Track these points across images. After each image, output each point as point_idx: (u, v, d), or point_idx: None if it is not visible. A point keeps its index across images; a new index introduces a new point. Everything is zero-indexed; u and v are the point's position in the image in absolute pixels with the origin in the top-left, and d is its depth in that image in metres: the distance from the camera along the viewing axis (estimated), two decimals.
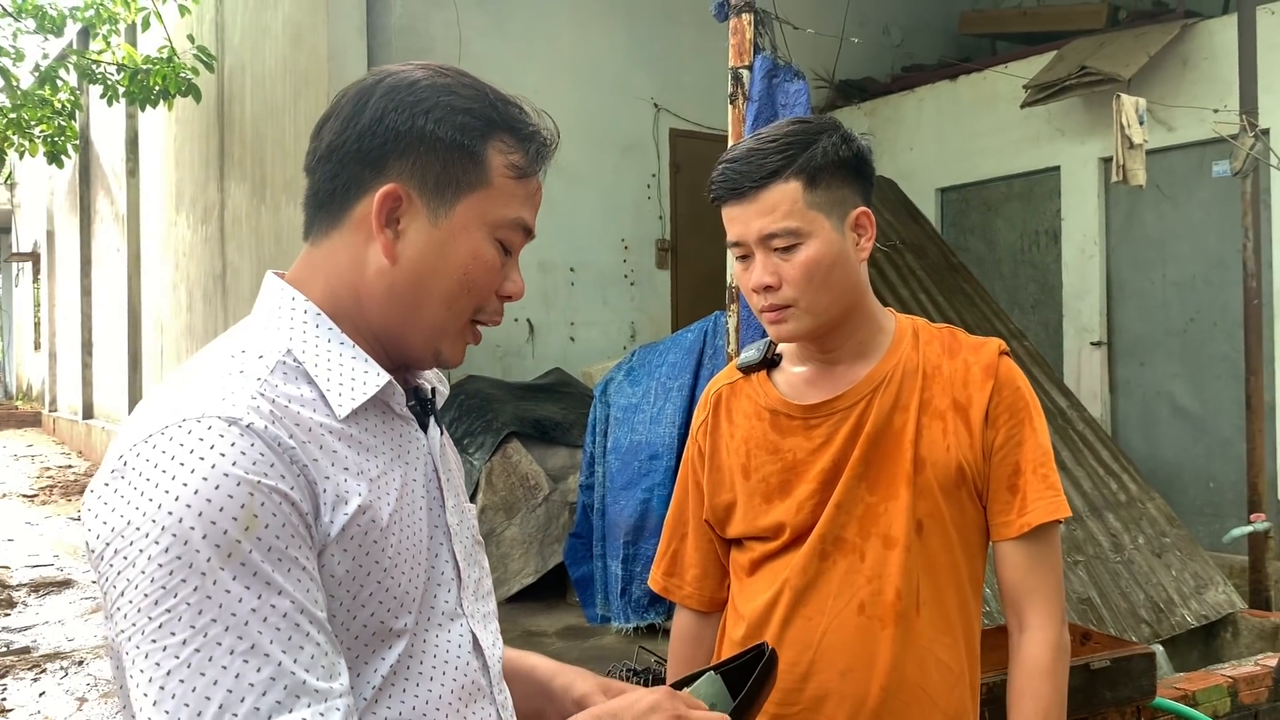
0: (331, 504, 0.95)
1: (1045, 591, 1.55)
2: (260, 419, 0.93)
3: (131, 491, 0.90)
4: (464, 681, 1.06)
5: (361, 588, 0.98)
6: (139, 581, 0.87)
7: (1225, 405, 5.79)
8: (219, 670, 0.85)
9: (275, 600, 0.88)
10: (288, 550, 0.90)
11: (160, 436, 0.91)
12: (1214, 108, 5.33)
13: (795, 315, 1.51)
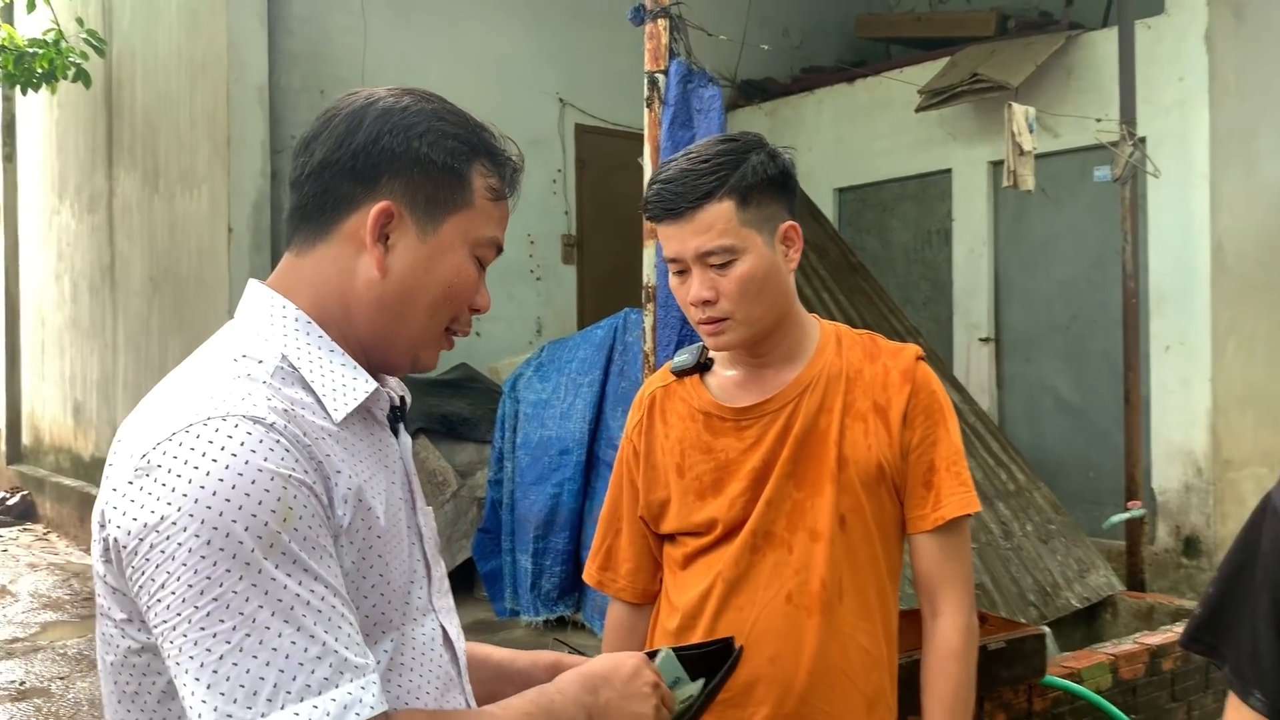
0: (341, 499, 1.01)
1: (957, 580, 1.67)
2: (280, 419, 0.98)
3: (162, 488, 0.93)
4: (439, 673, 1.12)
5: (364, 579, 1.04)
6: (180, 573, 0.91)
7: (1104, 399, 6.09)
8: (270, 652, 0.90)
9: (314, 586, 0.94)
10: (319, 540, 0.96)
11: (186, 434, 0.95)
12: (1096, 116, 5.61)
13: (732, 327, 1.59)
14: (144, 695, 1.02)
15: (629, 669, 1.17)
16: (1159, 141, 5.72)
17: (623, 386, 4.94)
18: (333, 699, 0.92)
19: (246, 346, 1.06)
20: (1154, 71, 5.68)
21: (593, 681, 1.14)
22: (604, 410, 5.07)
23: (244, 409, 0.97)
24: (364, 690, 0.94)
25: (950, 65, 6.65)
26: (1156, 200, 5.83)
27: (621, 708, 1.14)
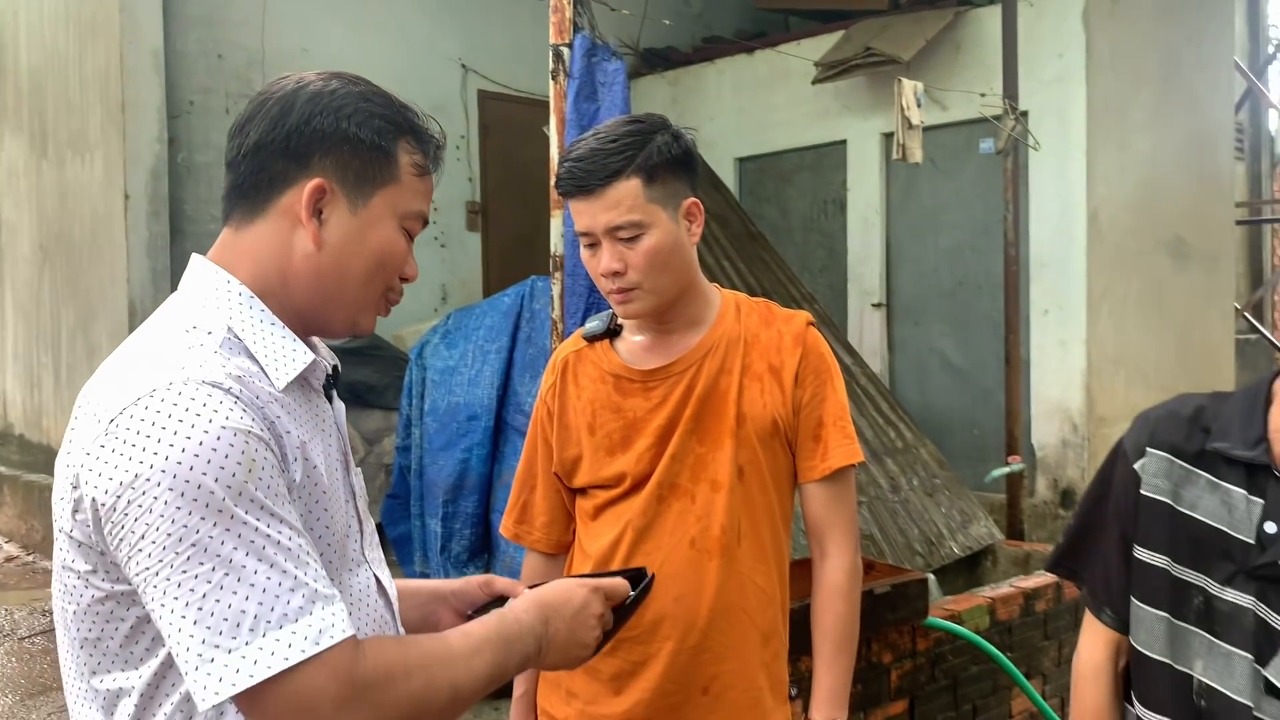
0: (292, 456, 1.11)
1: (843, 525, 1.84)
2: (234, 384, 1.07)
3: (133, 449, 1.02)
4: (375, 617, 1.23)
5: (312, 530, 1.14)
6: (159, 524, 1.00)
7: (987, 360, 6.39)
8: (248, 588, 0.99)
9: (281, 528, 1.04)
10: (279, 489, 1.06)
11: (150, 399, 1.04)
12: (981, 91, 5.85)
13: (639, 296, 1.72)
14: (106, 640, 1.10)
15: (579, 600, 1.28)
16: (1040, 116, 6.00)
17: (530, 353, 5.04)
18: (308, 625, 1.01)
19: (195, 319, 1.14)
20: (1035, 48, 5.92)
21: (545, 612, 1.25)
22: (512, 377, 5.16)
23: (202, 375, 1.06)
24: (335, 616, 1.03)
25: (845, 39, 6.85)
26: (1037, 172, 6.12)
27: (568, 637, 1.26)
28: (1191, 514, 1.49)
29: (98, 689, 1.12)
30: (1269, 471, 1.44)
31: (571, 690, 1.86)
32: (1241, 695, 1.45)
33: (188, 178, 6.21)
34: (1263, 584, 1.43)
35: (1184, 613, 1.49)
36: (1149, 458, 1.53)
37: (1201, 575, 1.48)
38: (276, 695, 1.00)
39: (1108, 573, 1.61)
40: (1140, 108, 6.41)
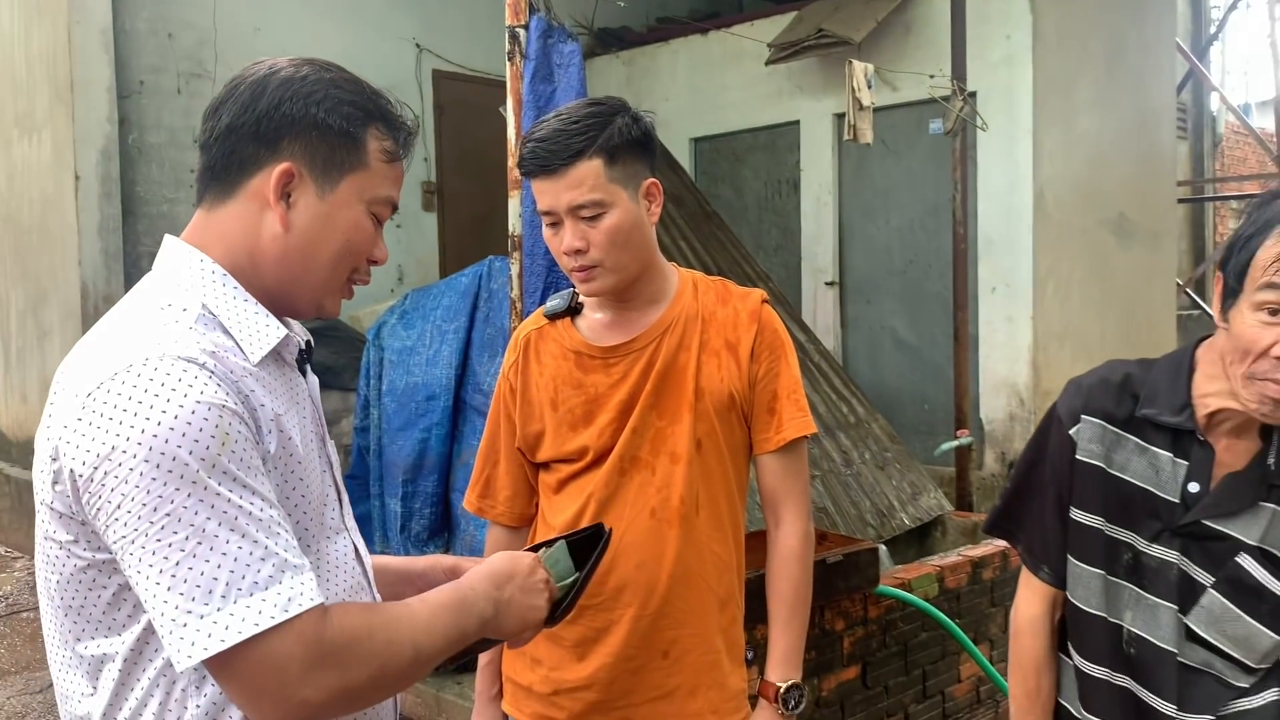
0: (267, 429, 1.15)
1: (796, 493, 1.91)
2: (209, 359, 1.11)
3: (109, 422, 1.06)
4: (352, 582, 1.28)
5: (288, 499, 1.19)
6: (135, 494, 1.04)
7: (937, 337, 6.53)
8: (220, 556, 1.04)
9: (253, 499, 1.08)
10: (253, 461, 1.10)
11: (127, 374, 1.07)
12: (931, 73, 5.95)
13: (601, 274, 1.78)
14: (89, 607, 1.15)
15: (526, 567, 1.35)
16: (988, 96, 6.11)
17: (489, 333, 5.07)
18: (278, 593, 1.05)
19: (170, 296, 1.19)
20: (984, 30, 6.02)
21: (498, 579, 1.31)
22: (470, 356, 5.19)
23: (177, 350, 1.10)
24: (304, 585, 1.07)
25: (797, 20, 6.92)
26: (985, 152, 6.24)
27: (522, 601, 1.32)
28: (1122, 476, 1.59)
29: (82, 655, 1.17)
30: (1192, 436, 1.54)
31: (536, 657, 1.93)
32: (1166, 643, 1.57)
33: (139, 158, 6.15)
34: (1186, 540, 1.55)
35: (1115, 568, 1.60)
36: (1083, 424, 1.63)
37: (1131, 533, 1.59)
38: (246, 660, 1.04)
39: (1044, 533, 1.71)
40: (1085, 89, 6.55)
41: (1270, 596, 1.52)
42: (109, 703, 1.15)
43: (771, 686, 1.87)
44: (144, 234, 6.13)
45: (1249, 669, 1.55)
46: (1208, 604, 1.54)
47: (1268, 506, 1.52)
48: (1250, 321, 1.42)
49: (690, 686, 1.85)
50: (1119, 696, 1.63)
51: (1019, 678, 1.76)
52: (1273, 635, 1.53)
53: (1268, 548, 1.52)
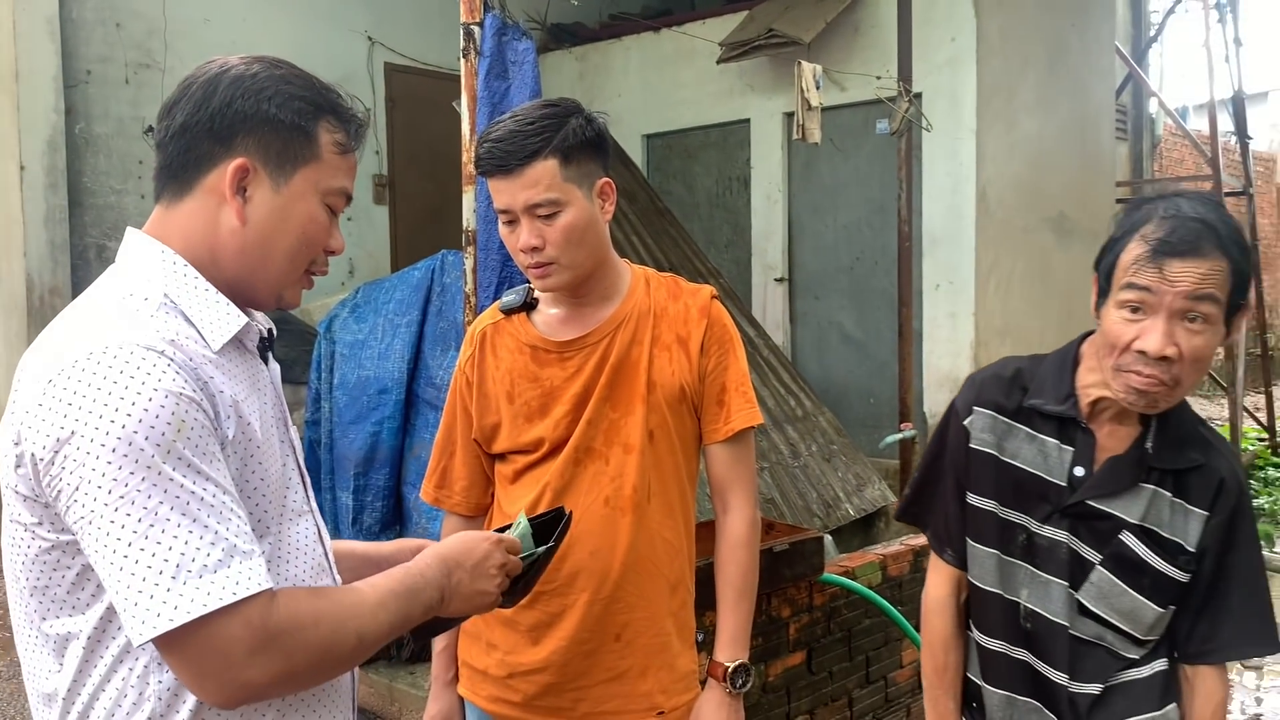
0: (225, 415, 1.19)
1: (744, 482, 1.99)
2: (168, 347, 1.15)
3: (69, 407, 1.10)
4: (314, 563, 1.33)
5: (247, 483, 1.23)
6: (92, 478, 1.08)
7: (883, 333, 6.65)
8: (171, 539, 1.08)
9: (207, 485, 1.12)
10: (209, 448, 1.14)
11: (89, 361, 1.11)
12: (878, 74, 6.08)
13: (557, 270, 1.84)
14: (54, 587, 1.18)
15: (480, 553, 1.39)
16: (933, 97, 6.24)
17: (441, 327, 5.09)
18: (226, 576, 1.08)
19: (132, 285, 1.22)
20: (929, 32, 6.14)
21: (448, 564, 1.35)
22: (423, 350, 5.20)
23: (137, 338, 1.14)
24: (252, 571, 1.10)
25: (748, 19, 7.00)
26: (930, 152, 6.38)
27: (470, 587, 1.36)
28: (1014, 463, 1.72)
29: (47, 634, 1.20)
30: (1076, 423, 1.68)
31: (491, 642, 1.98)
32: (1059, 617, 1.69)
33: (86, 149, 6.08)
34: (1074, 520, 1.68)
35: (1010, 549, 1.73)
36: (976, 415, 1.76)
37: (1025, 515, 1.72)
38: (192, 640, 1.08)
39: (946, 518, 1.84)
40: (1027, 91, 6.71)
41: (1151, 571, 1.64)
42: (74, 679, 1.19)
43: (719, 666, 1.94)
44: (90, 225, 6.07)
45: (1138, 641, 1.68)
46: (1096, 580, 1.66)
47: (1147, 487, 1.64)
48: (1115, 318, 1.55)
49: (641, 668, 1.92)
50: (1017, 668, 1.75)
51: (928, 655, 1.88)
52: (1155, 608, 1.66)
53: (1148, 525, 1.64)
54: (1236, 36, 9.57)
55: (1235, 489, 1.65)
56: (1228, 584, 1.66)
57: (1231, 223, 1.55)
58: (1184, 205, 1.55)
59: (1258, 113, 16.56)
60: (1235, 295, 1.53)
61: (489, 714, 1.99)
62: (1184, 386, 1.55)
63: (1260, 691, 4.99)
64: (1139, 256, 1.52)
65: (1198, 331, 1.51)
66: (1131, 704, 1.68)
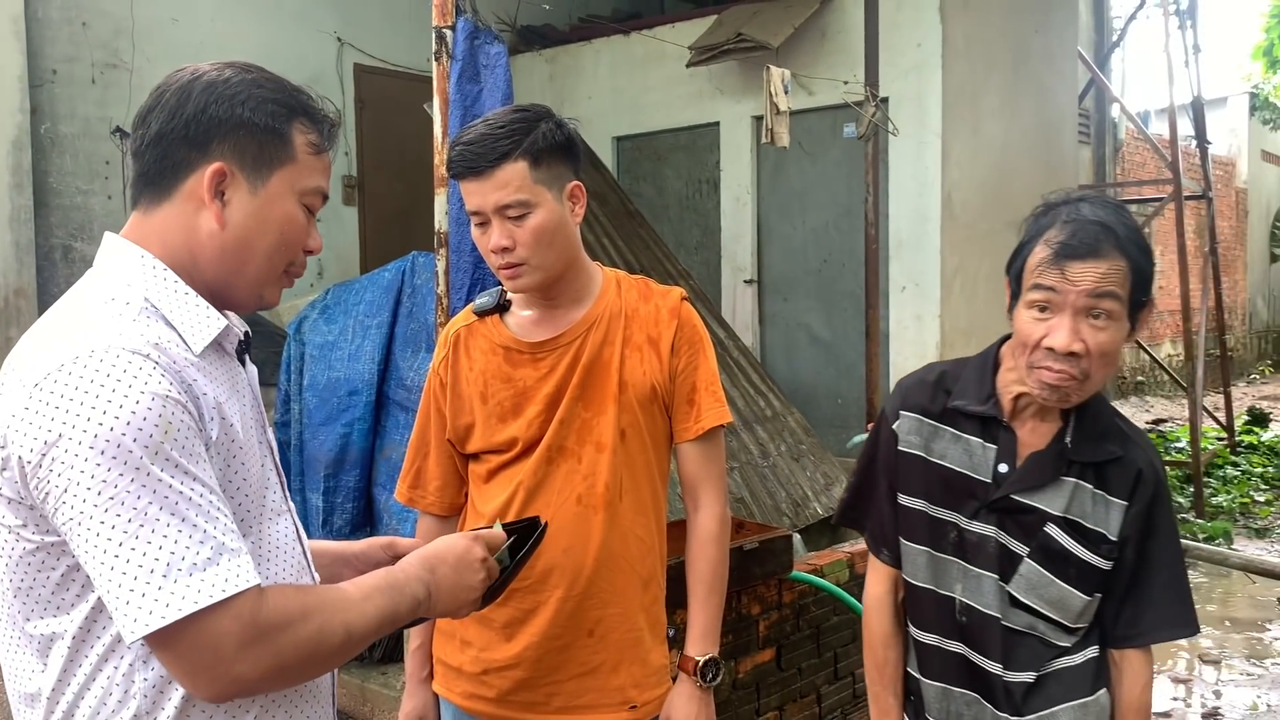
0: (209, 416, 1.21)
1: (714, 479, 2.03)
2: (153, 350, 1.17)
3: (57, 410, 1.11)
4: (294, 562, 1.35)
5: (230, 483, 1.25)
6: (80, 480, 1.10)
7: (850, 334, 6.73)
8: (161, 539, 1.10)
9: (194, 485, 1.14)
10: (195, 449, 1.16)
11: (74, 365, 1.13)
12: (845, 78, 6.14)
13: (527, 271, 1.87)
14: (38, 588, 1.20)
15: (461, 548, 1.41)
16: (899, 102, 6.32)
17: (412, 328, 5.09)
18: (216, 574, 1.10)
19: (114, 290, 1.24)
20: (895, 37, 6.22)
21: (430, 561, 1.37)
22: (393, 352, 5.20)
23: (122, 342, 1.15)
24: (240, 567, 1.13)
25: (717, 24, 7.06)
26: (896, 155, 6.45)
27: (455, 581, 1.39)
28: (941, 463, 1.80)
29: (31, 634, 1.22)
30: (998, 422, 1.76)
31: (466, 639, 2.01)
32: (991, 609, 1.77)
33: (52, 149, 6.03)
34: (1001, 515, 1.75)
35: (942, 545, 1.80)
36: (902, 419, 1.85)
37: (954, 513, 1.79)
38: (184, 636, 1.10)
39: (881, 519, 1.92)
40: (991, 95, 6.82)
41: (1076, 561, 1.72)
42: (58, 679, 1.20)
43: (690, 661, 1.98)
44: (56, 226, 6.02)
45: (1068, 629, 1.76)
46: (1025, 572, 1.74)
47: (1069, 480, 1.72)
48: (1025, 318, 1.65)
49: (614, 663, 1.96)
50: (952, 661, 1.82)
51: (869, 652, 1.96)
52: (1081, 595, 1.73)
53: (1071, 517, 1.72)
54: (1196, 43, 9.75)
55: (1153, 479, 1.73)
56: (1149, 571, 1.74)
57: (1131, 225, 1.64)
58: (1085, 209, 1.63)
59: (1217, 117, 16.86)
60: (1136, 293, 1.63)
61: (464, 710, 2.02)
62: (1094, 380, 1.64)
63: (1219, 685, 5.10)
64: (1043, 259, 1.62)
65: (1102, 328, 1.60)
66: (1065, 690, 1.75)
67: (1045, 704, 1.74)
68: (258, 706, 1.28)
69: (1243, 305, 19.08)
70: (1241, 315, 18.99)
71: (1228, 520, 7.96)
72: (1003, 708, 1.76)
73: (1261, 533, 7.83)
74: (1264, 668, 5.28)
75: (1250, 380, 18.11)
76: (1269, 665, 5.32)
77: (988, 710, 1.78)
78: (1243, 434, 10.53)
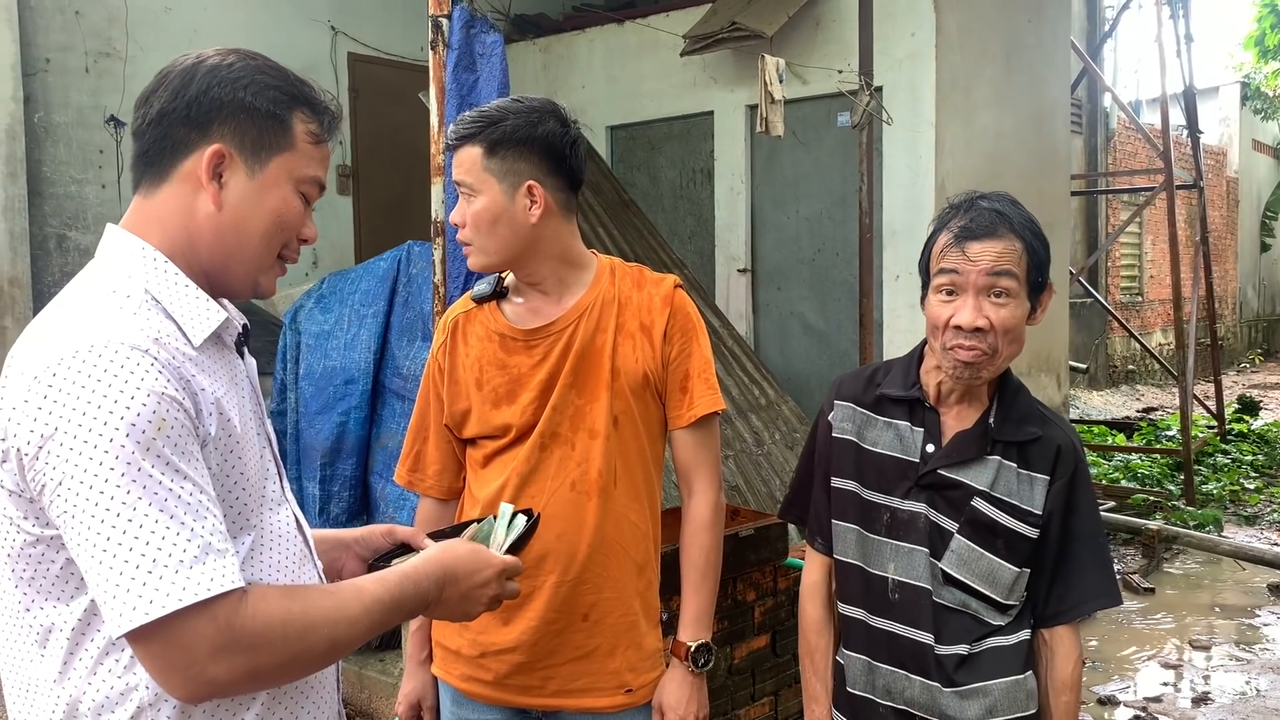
0: (207, 412, 1.22)
1: (707, 466, 2.05)
2: (153, 345, 1.18)
3: (55, 405, 1.13)
4: (295, 551, 1.36)
5: (228, 477, 1.26)
6: (74, 474, 1.11)
7: (844, 323, 6.75)
8: (149, 534, 1.11)
9: (185, 484, 1.14)
10: (188, 447, 1.17)
11: (74, 359, 1.14)
12: (839, 67, 6.15)
13: (473, 251, 1.94)
14: (39, 579, 1.21)
15: (481, 579, 1.40)
16: (893, 91, 6.32)
17: (408, 317, 5.10)
18: (201, 573, 1.11)
19: (115, 283, 1.25)
20: (890, 26, 6.20)
21: (445, 579, 1.37)
22: (389, 340, 5.22)
23: (122, 337, 1.16)
24: (226, 569, 1.13)
25: (711, 12, 7.05)
26: (889, 145, 6.46)
27: (458, 604, 1.40)
28: (874, 449, 1.90)
29: (30, 624, 1.23)
30: (922, 405, 1.87)
31: (464, 623, 2.04)
32: (923, 581, 1.84)
33: (45, 138, 6.02)
34: (930, 492, 1.84)
35: (876, 528, 1.88)
36: (836, 408, 1.96)
37: (888, 495, 1.88)
38: (162, 635, 1.10)
39: (817, 509, 2.01)
40: (985, 85, 6.83)
41: (1003, 530, 1.80)
42: (59, 670, 1.21)
43: (682, 646, 2.01)
44: (51, 215, 6.02)
45: (1000, 606, 1.82)
46: (955, 548, 1.81)
47: (993, 459, 1.82)
48: (934, 303, 1.80)
49: (609, 647, 1.98)
50: (879, 637, 1.88)
51: (802, 639, 2.04)
52: (1010, 567, 1.81)
53: (997, 494, 1.81)
54: (1188, 32, 9.77)
55: (1072, 455, 1.83)
56: (1072, 547, 1.83)
57: (1024, 213, 1.82)
58: (982, 202, 1.81)
59: (1208, 107, 16.90)
60: (1034, 274, 1.78)
61: (462, 693, 2.05)
62: (1003, 355, 1.77)
63: (1209, 670, 5.15)
64: (945, 244, 1.78)
65: (1003, 304, 1.75)
66: (1000, 666, 1.82)
67: (978, 677, 1.81)
68: (259, 704, 1.29)
69: (1233, 294, 19.15)
70: (1232, 304, 19.06)
71: (1218, 508, 8.01)
72: (933, 678, 1.82)
73: (1251, 520, 7.89)
74: (1253, 653, 5.33)
75: (1240, 369, 18.19)
76: (1258, 651, 5.36)
77: (916, 682, 1.84)
78: (1233, 422, 10.60)
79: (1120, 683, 4.97)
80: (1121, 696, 4.80)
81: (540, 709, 2.01)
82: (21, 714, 1.26)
